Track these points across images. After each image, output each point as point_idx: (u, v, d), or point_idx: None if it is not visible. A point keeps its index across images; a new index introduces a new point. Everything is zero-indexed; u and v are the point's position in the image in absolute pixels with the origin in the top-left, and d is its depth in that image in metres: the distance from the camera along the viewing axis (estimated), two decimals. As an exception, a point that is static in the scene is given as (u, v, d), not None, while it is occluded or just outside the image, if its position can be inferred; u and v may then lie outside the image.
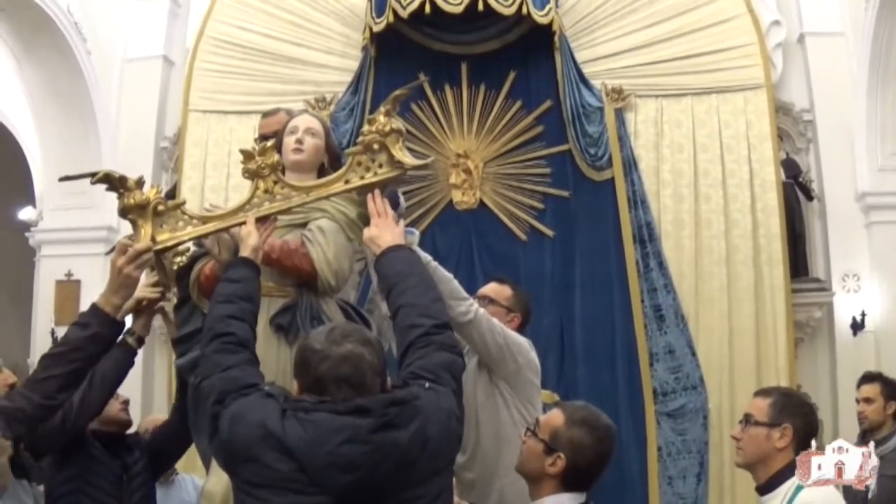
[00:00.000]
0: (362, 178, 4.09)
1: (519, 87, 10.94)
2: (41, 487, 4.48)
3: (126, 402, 5.20)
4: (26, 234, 14.10)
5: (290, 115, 4.77)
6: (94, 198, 11.56)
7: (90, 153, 12.74)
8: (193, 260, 4.35)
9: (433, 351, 3.36)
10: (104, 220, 12.71)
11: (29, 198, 14.74)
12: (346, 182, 4.11)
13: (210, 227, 4.08)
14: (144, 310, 4.59)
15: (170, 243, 4.05)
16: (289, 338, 4.03)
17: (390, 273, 3.75)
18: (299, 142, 4.33)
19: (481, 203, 10.75)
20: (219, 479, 3.96)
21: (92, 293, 12.55)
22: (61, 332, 12.38)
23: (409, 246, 4.03)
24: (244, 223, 3.96)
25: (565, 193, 10.69)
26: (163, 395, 11.47)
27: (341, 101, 10.97)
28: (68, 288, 12.98)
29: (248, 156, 4.17)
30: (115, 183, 4.06)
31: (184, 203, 4.20)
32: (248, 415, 3.04)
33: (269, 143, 4.27)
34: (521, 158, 10.85)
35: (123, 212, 4.05)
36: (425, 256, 4.45)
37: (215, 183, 11.30)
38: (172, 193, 11.19)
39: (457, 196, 10.74)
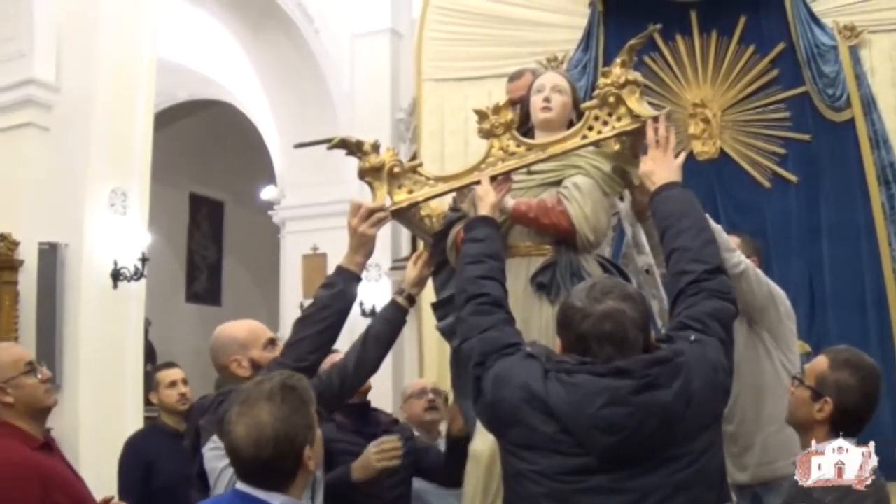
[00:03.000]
0: (599, 132, 4.06)
1: (750, 31, 10.61)
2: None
3: None
4: (269, 213, 14.61)
5: (535, 74, 4.75)
6: (334, 173, 11.85)
7: (326, 131, 12.93)
8: (449, 224, 4.35)
9: (703, 299, 3.25)
10: (346, 194, 12.97)
11: (269, 177, 15.26)
12: (584, 137, 4.07)
13: (445, 186, 4.15)
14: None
15: (405, 203, 4.13)
16: (550, 296, 3.99)
17: (665, 214, 3.64)
18: (547, 100, 4.26)
19: (722, 152, 10.47)
20: (484, 440, 3.97)
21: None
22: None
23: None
24: (480, 182, 3.99)
25: (806, 137, 10.30)
26: (413, 360, 11.70)
27: (573, 58, 10.83)
28: (315, 261, 13.35)
29: (482, 115, 4.19)
30: (351, 147, 4.20)
31: (419, 164, 4.27)
32: (512, 377, 3.04)
33: (503, 101, 4.28)
34: (759, 104, 10.52)
35: (361, 174, 4.18)
36: None
37: (454, 150, 11.32)
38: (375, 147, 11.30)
39: (697, 146, 10.49)
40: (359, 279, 4.08)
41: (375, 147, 4.20)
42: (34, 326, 9.01)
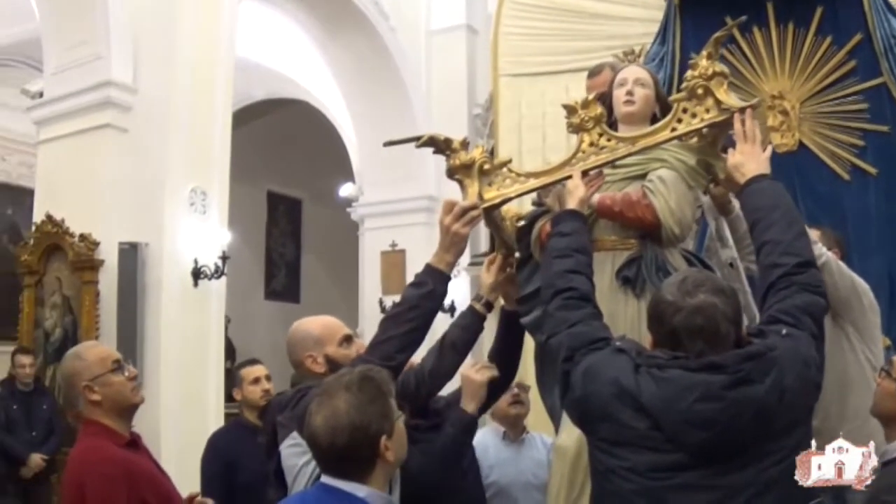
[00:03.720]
0: (689, 124, 4.00)
1: (826, 22, 10.44)
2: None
3: None
4: (348, 210, 14.66)
5: (615, 70, 4.73)
6: (412, 169, 11.89)
7: (404, 127, 13.06)
8: (534, 219, 4.31)
9: (794, 292, 3.20)
10: (424, 190, 13.05)
11: (347, 175, 15.32)
12: (673, 130, 4.02)
13: (536, 182, 4.10)
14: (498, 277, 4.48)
15: (497, 201, 4.07)
16: (635, 290, 3.96)
17: (755, 206, 3.61)
18: (630, 93, 4.23)
19: (801, 144, 10.34)
20: (570, 434, 3.95)
21: (416, 261, 12.93)
22: (388, 300, 12.91)
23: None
24: (570, 177, 3.96)
25: (884, 128, 10.10)
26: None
27: (650, 52, 10.72)
28: (393, 258, 13.41)
29: (570, 110, 4.16)
30: (440, 145, 4.13)
31: (509, 161, 4.20)
32: (602, 372, 3.00)
33: (591, 95, 4.25)
34: (836, 95, 10.34)
35: (450, 172, 4.11)
36: None
37: (532, 146, 11.27)
38: (464, 144, 11.30)
39: (776, 139, 10.34)
40: (448, 279, 4.03)
41: (464, 144, 4.15)
42: (115, 325, 9.15)
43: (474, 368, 4.17)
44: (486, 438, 5.94)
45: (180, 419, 8.91)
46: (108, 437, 3.89)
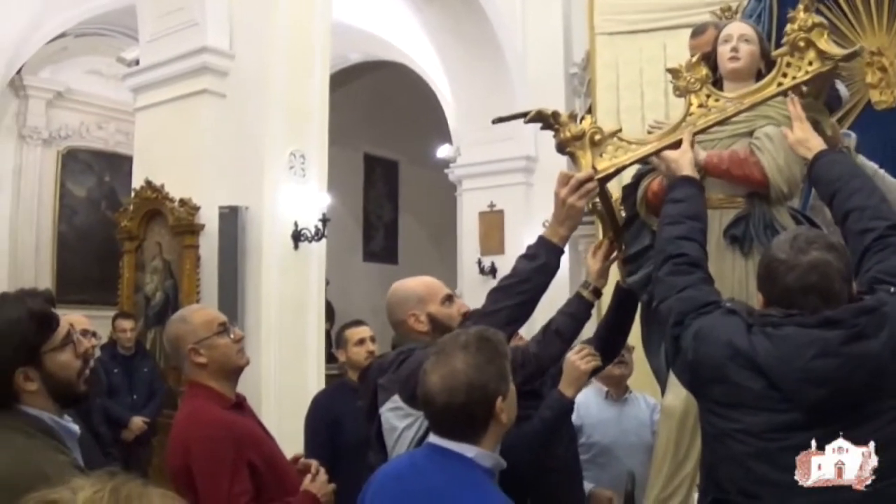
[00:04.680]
0: (794, 77, 3.95)
1: (926, -26, 10.24)
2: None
3: None
4: (446, 171, 14.64)
5: (719, 28, 4.65)
6: (510, 130, 11.81)
7: (500, 87, 13.03)
8: (639, 177, 4.30)
9: (892, 253, 3.18)
10: (522, 151, 12.99)
11: (443, 136, 15.32)
12: (779, 85, 3.98)
13: (648, 148, 4.03)
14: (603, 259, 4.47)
15: (611, 170, 4.00)
16: (743, 249, 3.93)
17: (831, 178, 3.60)
18: (734, 50, 4.19)
19: (900, 100, 10.16)
20: (676, 395, 3.94)
21: (515, 222, 12.97)
22: (487, 261, 12.89)
23: (842, 148, 3.87)
24: (681, 141, 3.91)
25: (984, 85, 9.92)
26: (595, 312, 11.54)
27: (747, 8, 10.55)
28: (491, 218, 13.39)
29: (675, 73, 4.11)
30: (547, 119, 4.06)
31: (619, 130, 4.13)
32: (714, 333, 2.97)
33: (695, 57, 4.19)
34: (936, 50, 10.16)
35: (561, 146, 4.04)
36: (871, 166, 4.28)
37: (629, 104, 11.19)
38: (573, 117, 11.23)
39: (874, 96, 10.13)
40: (561, 252, 3.95)
41: (573, 116, 4.10)
42: (216, 289, 9.25)
43: (580, 355, 4.12)
44: (589, 398, 5.93)
45: (281, 381, 8.99)
46: (214, 399, 3.93)
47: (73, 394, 2.90)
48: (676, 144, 3.92)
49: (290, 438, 5.07)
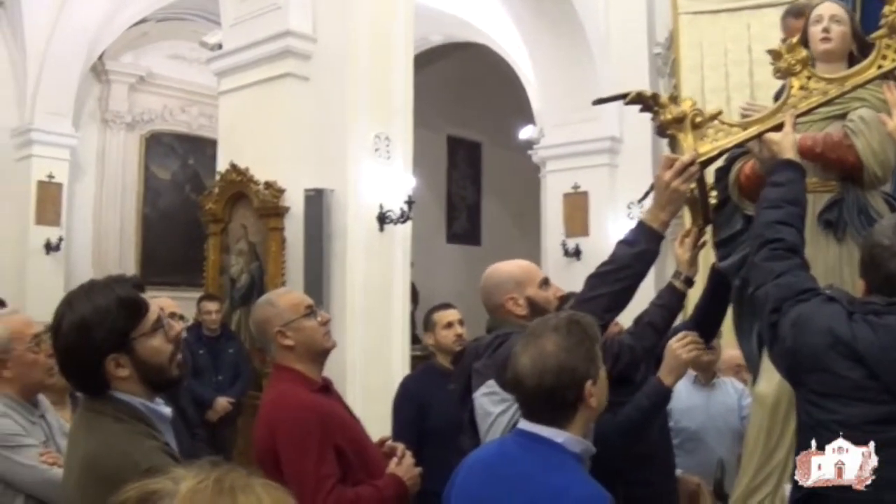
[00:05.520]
0: (893, 60, 3.84)
1: None
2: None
3: None
4: (529, 152, 14.58)
5: (809, 7, 4.56)
6: (594, 110, 11.71)
7: (583, 67, 12.93)
8: (732, 160, 4.22)
9: None
10: (606, 131, 12.87)
11: (526, 117, 15.25)
12: (879, 67, 3.87)
13: (751, 131, 3.94)
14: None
15: (713, 153, 3.94)
16: (837, 234, 3.87)
17: None
18: (826, 31, 4.12)
19: None
20: (769, 381, 3.87)
21: (599, 204, 12.89)
22: (571, 243, 12.81)
23: None
24: (782, 124, 3.81)
25: None
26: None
27: (834, -13, 10.42)
28: (576, 200, 13.32)
29: (776, 55, 4.04)
30: (647, 101, 4.00)
31: (720, 112, 4.06)
32: (813, 321, 2.91)
33: (794, 38, 4.10)
34: None
35: (661, 129, 3.99)
36: None
37: (714, 84, 11.06)
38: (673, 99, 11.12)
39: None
40: (662, 238, 3.88)
41: (673, 98, 4.03)
42: (301, 271, 9.29)
43: (682, 343, 3.98)
44: (678, 383, 5.86)
45: (366, 364, 9.01)
46: (301, 382, 3.92)
47: (165, 378, 2.91)
48: (778, 127, 3.84)
49: (374, 420, 5.06)
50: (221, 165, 10.35)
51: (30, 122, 13.98)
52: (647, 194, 4.20)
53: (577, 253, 13.04)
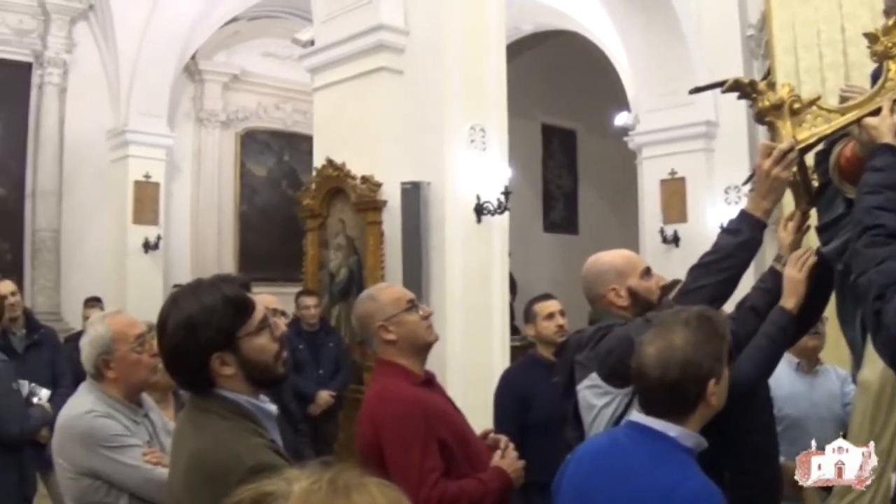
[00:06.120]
0: None
1: None
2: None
3: None
4: (624, 139, 14.49)
5: None
6: (689, 96, 11.60)
7: (676, 52, 12.81)
8: (831, 143, 4.14)
9: None
10: (702, 116, 12.74)
11: (620, 104, 15.17)
12: None
13: (849, 117, 3.82)
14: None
15: (812, 140, 3.86)
16: None
17: None
18: None
19: None
20: (873, 369, 3.82)
21: (696, 189, 12.77)
22: (669, 230, 12.71)
23: None
24: (881, 108, 3.72)
25: None
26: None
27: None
28: (673, 186, 13.23)
29: (872, 38, 3.91)
30: (745, 88, 3.93)
31: (818, 98, 3.96)
32: None
33: (891, 20, 4.01)
34: None
35: (759, 116, 3.91)
36: None
37: (809, 65, 10.86)
38: (766, 80, 10.98)
39: None
40: (765, 226, 3.85)
41: (771, 85, 3.96)
42: (400, 264, 9.33)
43: (791, 262, 3.97)
44: (780, 370, 5.73)
45: (466, 355, 9.02)
46: (403, 376, 3.94)
47: (270, 376, 2.93)
48: (876, 112, 3.75)
49: (475, 411, 5.06)
50: (318, 161, 10.44)
51: (125, 124, 14.29)
52: (748, 179, 4.14)
53: (675, 239, 12.95)
